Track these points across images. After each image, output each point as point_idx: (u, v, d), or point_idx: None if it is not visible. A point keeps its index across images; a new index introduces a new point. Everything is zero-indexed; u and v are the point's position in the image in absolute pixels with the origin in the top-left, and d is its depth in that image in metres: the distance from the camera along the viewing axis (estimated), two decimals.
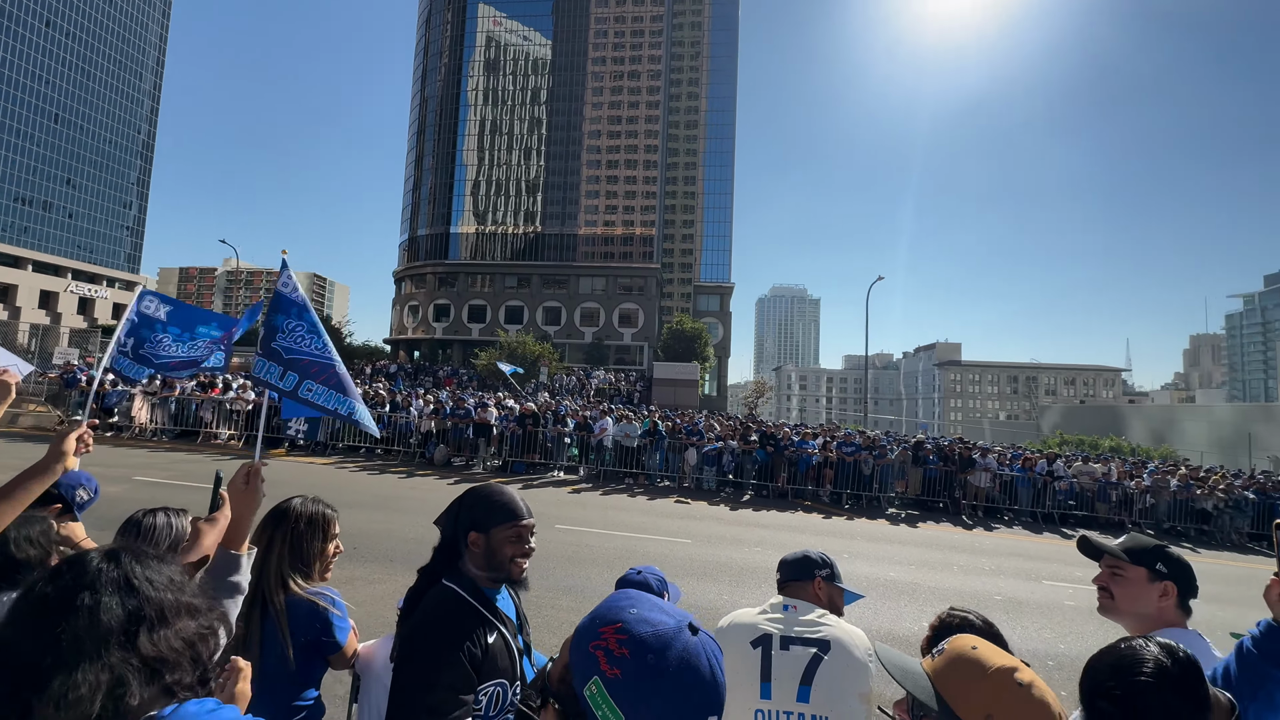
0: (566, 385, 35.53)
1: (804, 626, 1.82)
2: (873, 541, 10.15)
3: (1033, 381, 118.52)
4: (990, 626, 1.85)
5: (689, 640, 0.74)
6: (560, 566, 6.93)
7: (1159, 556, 1.62)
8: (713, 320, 75.99)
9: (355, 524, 7.79)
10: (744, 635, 1.83)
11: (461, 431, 14.47)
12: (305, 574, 1.83)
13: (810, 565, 2.02)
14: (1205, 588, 4.78)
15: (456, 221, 70.19)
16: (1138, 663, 0.94)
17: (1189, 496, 14.47)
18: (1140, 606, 1.62)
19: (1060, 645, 5.73)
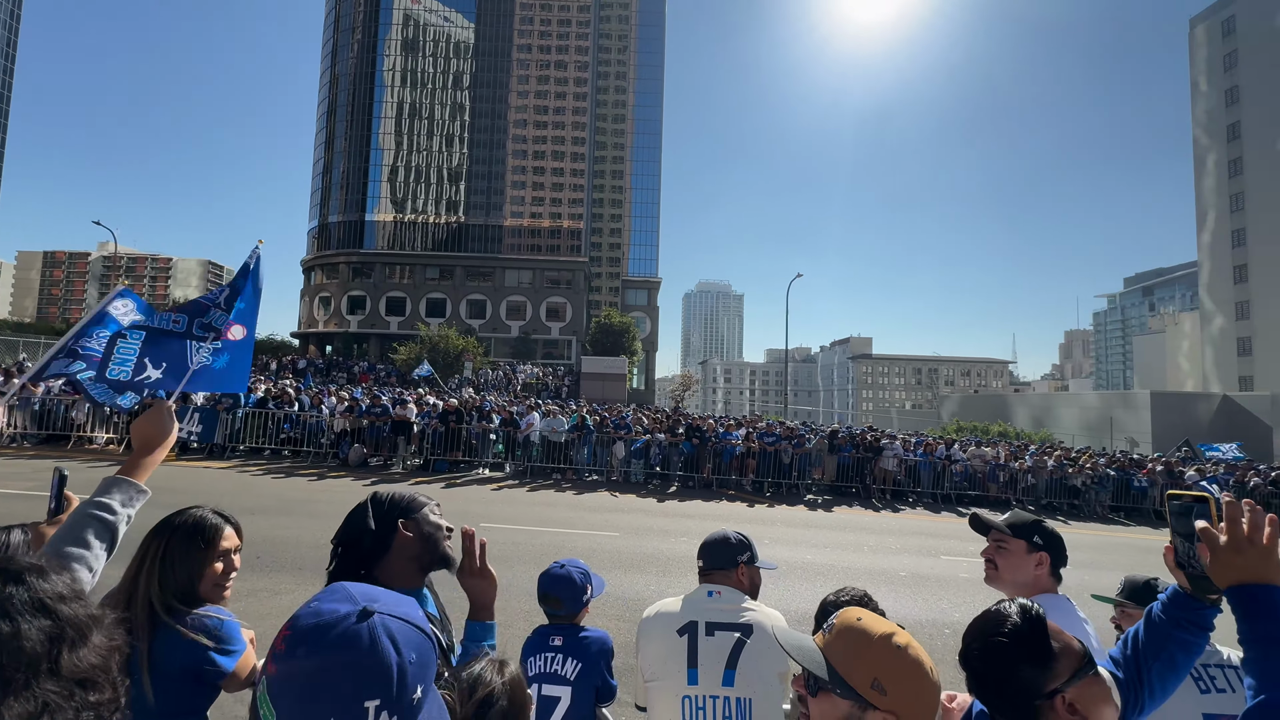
0: (492, 380, 34.68)
1: (728, 613, 1.86)
2: (792, 527, 10.64)
3: (934, 373, 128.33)
4: (867, 599, 2.03)
5: (350, 626, 0.70)
6: None
7: (1037, 530, 1.81)
8: (641, 315, 76.55)
9: (259, 532, 7.24)
10: (670, 624, 1.86)
11: (379, 430, 13.79)
12: (187, 593, 1.61)
13: (732, 553, 2.04)
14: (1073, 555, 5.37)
15: (372, 209, 66.47)
16: (995, 624, 1.05)
17: (1062, 475, 16.20)
18: (1019, 575, 1.79)
19: (955, 614, 6.26)
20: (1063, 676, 0.99)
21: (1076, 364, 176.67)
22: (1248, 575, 1.04)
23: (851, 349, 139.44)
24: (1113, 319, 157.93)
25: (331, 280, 65.03)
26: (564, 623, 2.20)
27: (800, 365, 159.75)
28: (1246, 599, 1.03)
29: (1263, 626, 1.00)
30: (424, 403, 15.36)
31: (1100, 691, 1.00)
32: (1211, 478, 17.16)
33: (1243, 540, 1.05)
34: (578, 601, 2.20)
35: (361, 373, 34.02)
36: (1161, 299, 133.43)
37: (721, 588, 1.95)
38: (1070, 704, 0.98)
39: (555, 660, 2.09)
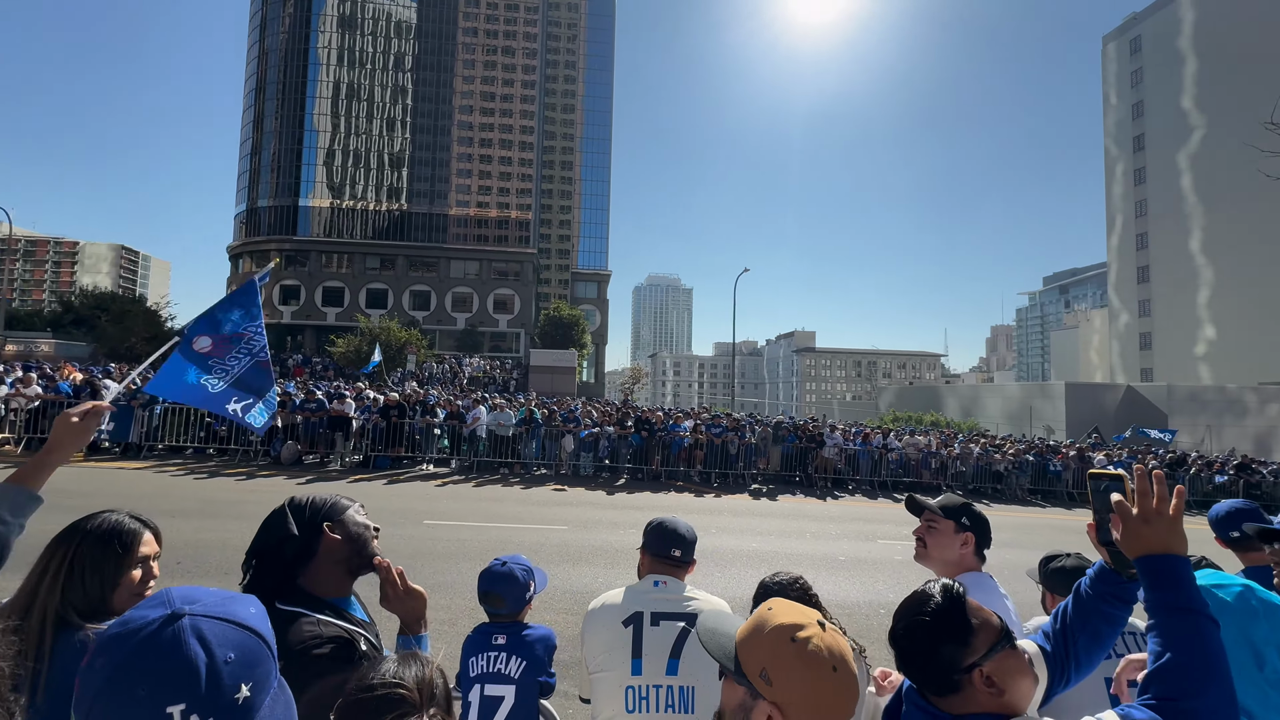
0: (437, 374, 33.74)
1: (673, 602, 1.87)
2: (738, 516, 10.87)
3: (872, 366, 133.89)
4: (796, 582, 2.06)
5: (152, 630, 0.67)
6: (429, 563, 6.60)
7: (965, 512, 1.92)
8: (590, 307, 76.21)
9: (180, 536, 6.79)
10: (615, 615, 1.86)
11: (314, 426, 13.16)
12: (98, 604, 1.45)
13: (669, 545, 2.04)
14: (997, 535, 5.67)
15: (307, 193, 63.12)
16: (918, 604, 1.10)
17: (987, 461, 17.25)
18: (946, 554, 1.90)
19: (890, 595, 6.57)
20: (980, 651, 1.03)
21: (1001, 357, 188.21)
22: (1155, 546, 1.08)
23: (796, 343, 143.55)
24: (1033, 315, 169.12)
25: (261, 268, 61.56)
26: (506, 621, 2.16)
27: (747, 358, 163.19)
28: (1152, 569, 1.08)
29: (1167, 595, 1.05)
30: (364, 397, 14.77)
31: (1016, 664, 1.04)
32: (1117, 462, 18.69)
33: (1150, 512, 1.09)
34: (520, 600, 2.16)
35: (296, 366, 32.38)
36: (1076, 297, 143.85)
37: (667, 577, 1.95)
38: (988, 676, 1.02)
39: (499, 659, 2.05)
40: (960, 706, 1.03)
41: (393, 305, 59.06)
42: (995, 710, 1.02)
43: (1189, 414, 38.57)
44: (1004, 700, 1.02)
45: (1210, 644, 0.99)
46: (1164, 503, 1.09)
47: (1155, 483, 1.12)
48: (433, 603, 3.40)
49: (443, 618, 4.86)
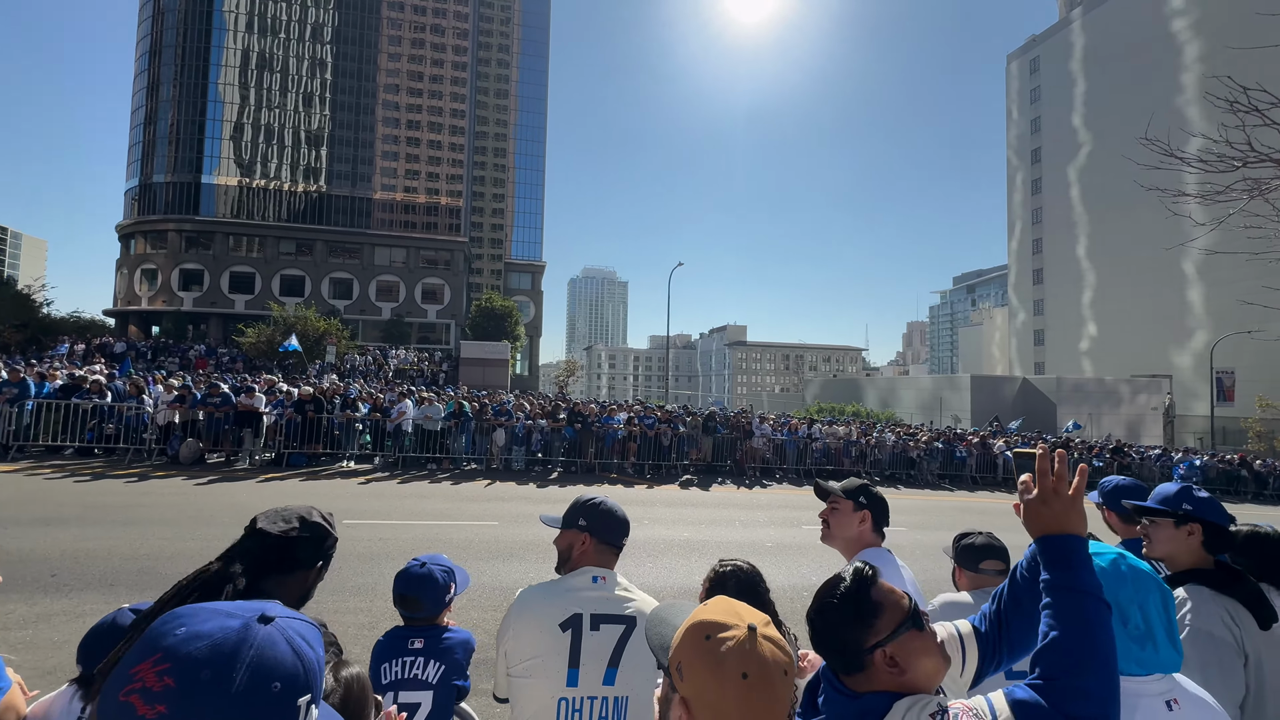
0: (360, 366, 32.08)
1: (613, 602, 1.71)
2: (670, 506, 11.03)
3: (800, 359, 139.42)
4: (749, 570, 1.99)
5: (260, 634, 0.67)
6: (348, 564, 6.27)
7: (862, 492, 2.04)
8: (524, 299, 74.80)
9: (57, 546, 6.11)
10: (551, 616, 1.68)
11: (219, 423, 12.18)
12: None
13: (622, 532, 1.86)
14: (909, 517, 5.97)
15: (211, 170, 58.18)
16: (830, 587, 1.13)
17: (902, 449, 18.38)
18: (847, 531, 2.01)
19: (813, 578, 6.87)
20: (883, 632, 1.05)
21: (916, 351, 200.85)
22: (1051, 526, 1.08)
23: (728, 336, 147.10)
24: (944, 313, 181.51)
25: (158, 250, 56.15)
26: (423, 624, 2.07)
27: (682, 352, 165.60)
28: (1049, 548, 1.07)
29: (1061, 575, 1.04)
30: (276, 390, 13.82)
31: (920, 645, 1.06)
32: (1004, 443, 20.38)
33: (1049, 492, 1.09)
34: (439, 602, 2.07)
35: (199, 357, 29.84)
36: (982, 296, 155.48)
37: (605, 571, 1.79)
38: (890, 656, 1.05)
39: (415, 665, 1.96)
40: (864, 684, 1.06)
41: (310, 293, 55.57)
42: (895, 688, 1.05)
43: (1074, 403, 42.66)
44: (905, 679, 1.05)
45: (1097, 626, 0.99)
46: (1063, 482, 1.08)
47: (1056, 462, 1.10)
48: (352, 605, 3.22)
49: (362, 621, 4.63)
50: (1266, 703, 1.87)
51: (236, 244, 57.57)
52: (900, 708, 1.01)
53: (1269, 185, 2.58)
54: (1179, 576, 1.99)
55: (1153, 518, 2.02)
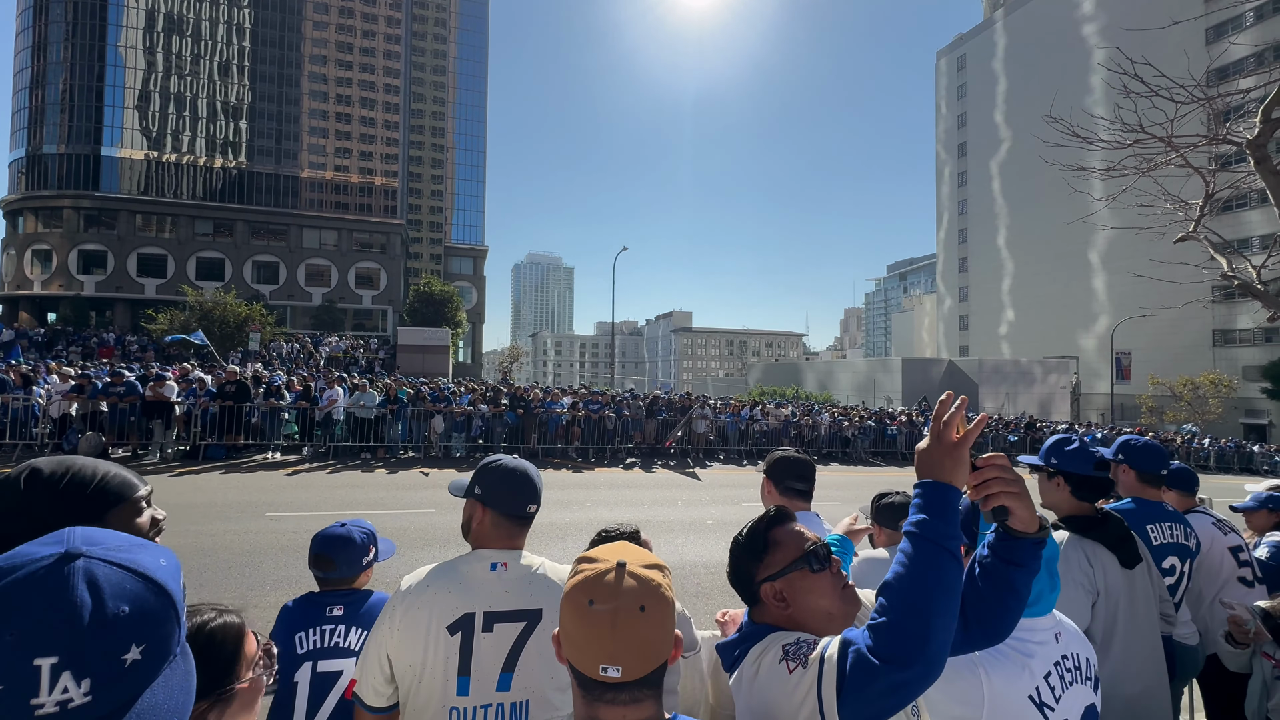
0: (288, 354, 30.38)
1: (514, 594, 1.48)
2: (614, 489, 11.04)
3: (743, 344, 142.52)
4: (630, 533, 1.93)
5: (39, 570, 0.59)
6: (271, 558, 5.94)
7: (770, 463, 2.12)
8: (466, 284, 72.66)
9: None
10: (439, 616, 1.43)
11: (125, 414, 11.23)
12: None
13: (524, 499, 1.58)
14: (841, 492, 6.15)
15: (113, 141, 53.18)
16: (743, 528, 1.23)
17: (838, 429, 19.11)
18: (769, 502, 2.08)
19: None
20: (774, 568, 1.13)
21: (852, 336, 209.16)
22: (930, 472, 1.03)
23: (674, 323, 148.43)
24: (878, 299, 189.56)
25: (52, 229, 51.01)
26: (340, 588, 1.93)
27: (628, 338, 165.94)
28: (922, 493, 1.03)
29: (923, 520, 0.99)
30: (191, 379, 12.87)
31: (810, 586, 1.11)
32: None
33: (934, 435, 1.05)
34: (355, 564, 1.94)
35: (103, 346, 27.44)
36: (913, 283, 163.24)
37: (509, 555, 1.53)
38: (779, 592, 1.12)
39: (336, 632, 1.82)
40: (758, 616, 1.16)
41: (231, 277, 51.97)
42: (782, 623, 1.12)
43: (994, 384, 45.61)
44: (790, 614, 1.11)
45: (936, 578, 0.94)
46: (947, 429, 1.04)
47: (954, 407, 1.05)
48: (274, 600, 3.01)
49: None
50: (1115, 634, 2.05)
51: (145, 223, 52.99)
52: (772, 637, 1.08)
53: (1155, 162, 2.76)
54: (1058, 524, 2.18)
55: (1034, 472, 2.21)
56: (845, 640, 0.97)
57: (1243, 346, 44.37)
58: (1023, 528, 1.05)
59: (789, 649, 1.03)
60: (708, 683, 1.84)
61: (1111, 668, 2.04)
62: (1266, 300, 2.46)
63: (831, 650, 0.98)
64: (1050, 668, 1.28)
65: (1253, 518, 3.35)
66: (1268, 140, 2.46)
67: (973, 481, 1.07)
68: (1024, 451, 21.82)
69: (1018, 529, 1.06)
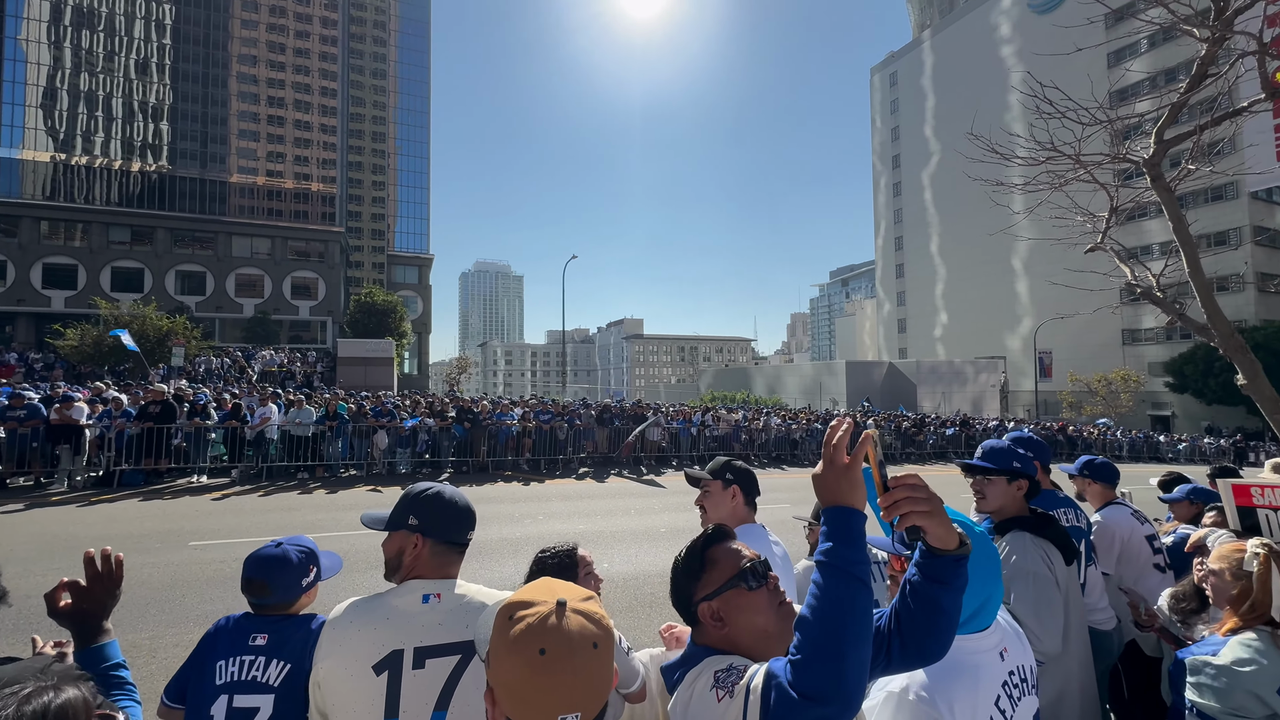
0: (218, 369, 28.63)
1: (447, 627, 1.41)
2: (566, 500, 10.90)
3: (694, 350, 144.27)
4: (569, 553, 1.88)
5: None
6: (195, 591, 5.54)
7: (728, 468, 2.04)
8: (411, 294, 70.51)
9: None
10: (365, 655, 1.35)
11: (26, 439, 10.27)
12: None
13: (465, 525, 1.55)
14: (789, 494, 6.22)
15: (13, 142, 49.08)
16: (683, 548, 1.18)
17: (786, 432, 19.56)
18: (720, 511, 2.00)
19: None
20: (710, 587, 1.12)
21: (799, 341, 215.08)
22: (830, 496, 1.02)
23: (626, 330, 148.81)
24: (822, 305, 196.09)
25: None
26: (273, 614, 1.76)
27: (580, 346, 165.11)
28: (827, 520, 1.01)
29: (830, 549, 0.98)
30: (103, 399, 11.91)
31: (746, 604, 1.10)
32: (874, 422, 22.42)
33: (826, 460, 1.03)
34: (293, 588, 1.76)
35: (3, 364, 25.06)
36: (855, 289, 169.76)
37: (442, 585, 1.46)
38: (715, 611, 1.10)
39: (255, 664, 1.64)
40: (698, 637, 1.14)
41: (152, 288, 48.62)
42: (718, 643, 1.10)
43: (930, 384, 47.84)
44: (727, 633, 1.09)
45: (848, 608, 0.92)
46: (839, 451, 1.02)
47: (843, 429, 1.04)
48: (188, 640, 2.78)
49: None
50: (1071, 629, 2.14)
51: (52, 230, 48.90)
52: (708, 662, 1.07)
53: (1066, 178, 2.96)
54: (1004, 525, 2.21)
55: (989, 476, 2.21)
56: (769, 672, 0.95)
57: (1148, 344, 48.26)
58: (940, 545, 1.04)
59: (720, 676, 1.02)
60: (657, 702, 1.82)
61: (1066, 663, 2.12)
62: (1164, 306, 2.66)
63: (757, 681, 0.96)
64: (999, 690, 1.26)
65: (1177, 508, 3.61)
66: (1161, 159, 2.66)
67: (885, 503, 1.06)
68: (959, 445, 22.96)
69: (936, 547, 1.04)
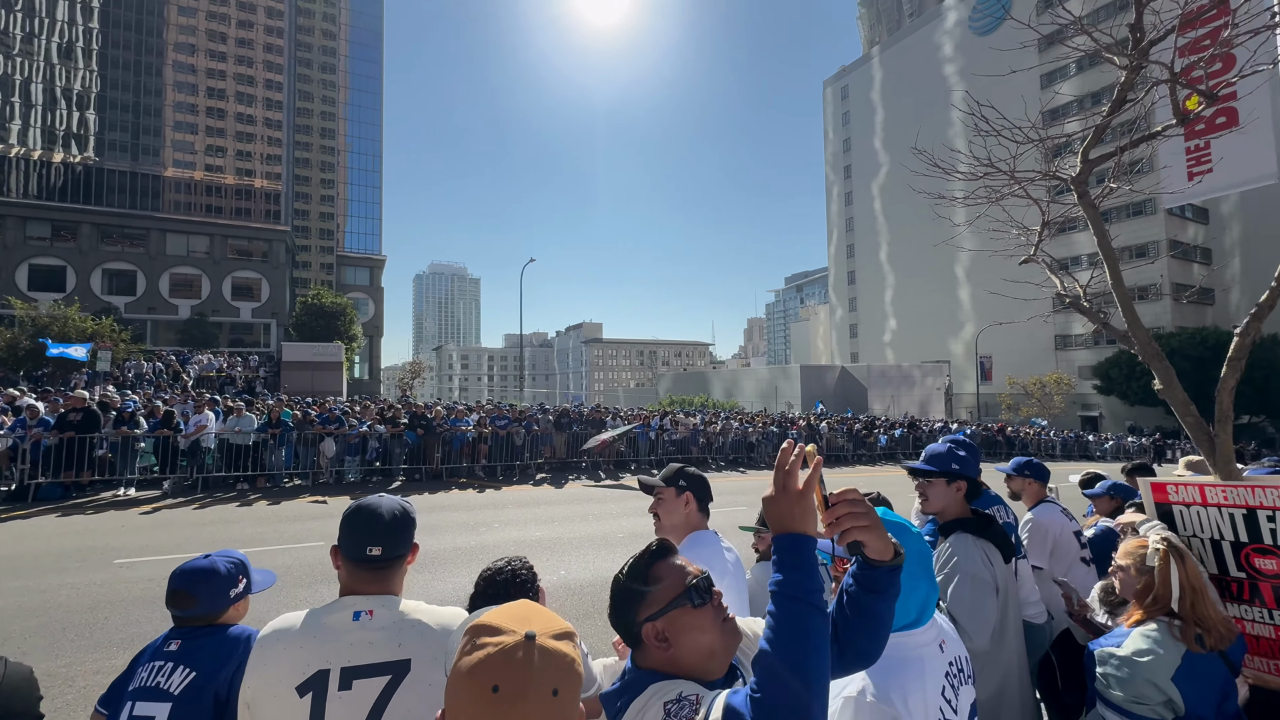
0: (149, 374, 26.95)
1: (378, 646, 1.34)
2: (523, 507, 10.74)
3: (653, 355, 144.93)
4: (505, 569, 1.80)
5: None
6: (120, 613, 5.17)
7: (680, 475, 2.03)
8: (362, 296, 68.24)
9: None
10: (289, 675, 1.29)
11: None
12: None
13: (411, 532, 1.50)
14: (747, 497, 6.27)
15: None
16: (626, 564, 1.14)
17: (743, 435, 19.85)
18: (674, 518, 1.99)
19: None
20: (655, 607, 1.06)
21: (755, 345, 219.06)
22: (782, 525, 1.02)
23: (585, 334, 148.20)
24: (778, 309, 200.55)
25: None
26: (198, 624, 1.70)
27: (538, 350, 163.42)
28: (779, 548, 1.01)
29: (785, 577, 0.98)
30: (16, 408, 11.04)
31: (692, 623, 1.05)
32: (827, 425, 23.03)
33: (779, 486, 1.04)
34: (220, 598, 1.71)
35: None
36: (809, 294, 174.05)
37: (373, 602, 1.40)
38: (660, 632, 1.05)
39: (162, 670, 1.58)
40: (641, 660, 1.08)
41: (75, 287, 45.48)
42: (664, 665, 1.04)
43: (880, 387, 49.48)
44: (672, 654, 1.04)
45: (805, 638, 0.93)
46: (791, 478, 1.03)
47: (794, 455, 1.05)
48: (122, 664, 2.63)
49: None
50: (1008, 625, 2.24)
51: None
52: (652, 689, 1.01)
53: (1002, 193, 3.11)
54: (948, 526, 2.28)
55: (930, 478, 2.28)
56: (729, 706, 0.92)
57: (1078, 349, 51.34)
58: (878, 557, 1.08)
59: (670, 708, 0.97)
60: None
61: (1005, 657, 2.21)
62: (1089, 315, 2.83)
63: (715, 716, 0.93)
64: (943, 680, 1.31)
65: (1099, 502, 3.83)
66: (1087, 177, 2.83)
67: (827, 520, 1.09)
68: (908, 446, 23.81)
69: (874, 559, 1.08)
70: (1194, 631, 1.76)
